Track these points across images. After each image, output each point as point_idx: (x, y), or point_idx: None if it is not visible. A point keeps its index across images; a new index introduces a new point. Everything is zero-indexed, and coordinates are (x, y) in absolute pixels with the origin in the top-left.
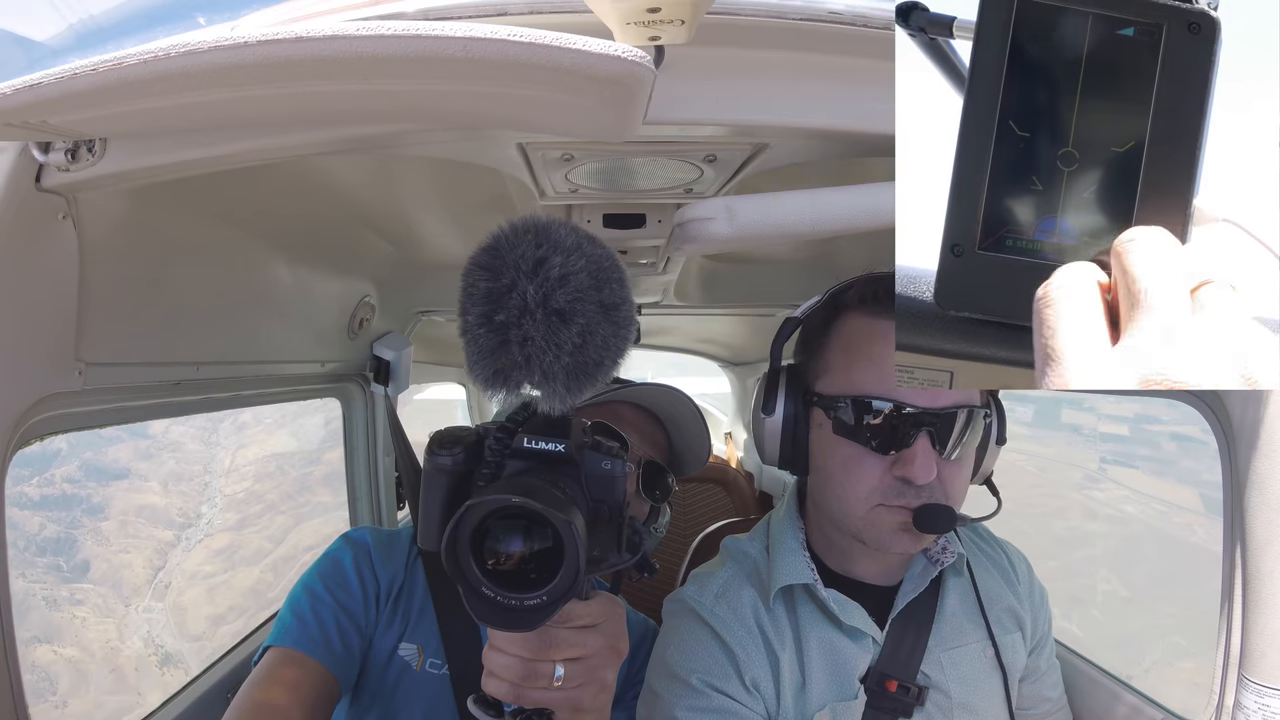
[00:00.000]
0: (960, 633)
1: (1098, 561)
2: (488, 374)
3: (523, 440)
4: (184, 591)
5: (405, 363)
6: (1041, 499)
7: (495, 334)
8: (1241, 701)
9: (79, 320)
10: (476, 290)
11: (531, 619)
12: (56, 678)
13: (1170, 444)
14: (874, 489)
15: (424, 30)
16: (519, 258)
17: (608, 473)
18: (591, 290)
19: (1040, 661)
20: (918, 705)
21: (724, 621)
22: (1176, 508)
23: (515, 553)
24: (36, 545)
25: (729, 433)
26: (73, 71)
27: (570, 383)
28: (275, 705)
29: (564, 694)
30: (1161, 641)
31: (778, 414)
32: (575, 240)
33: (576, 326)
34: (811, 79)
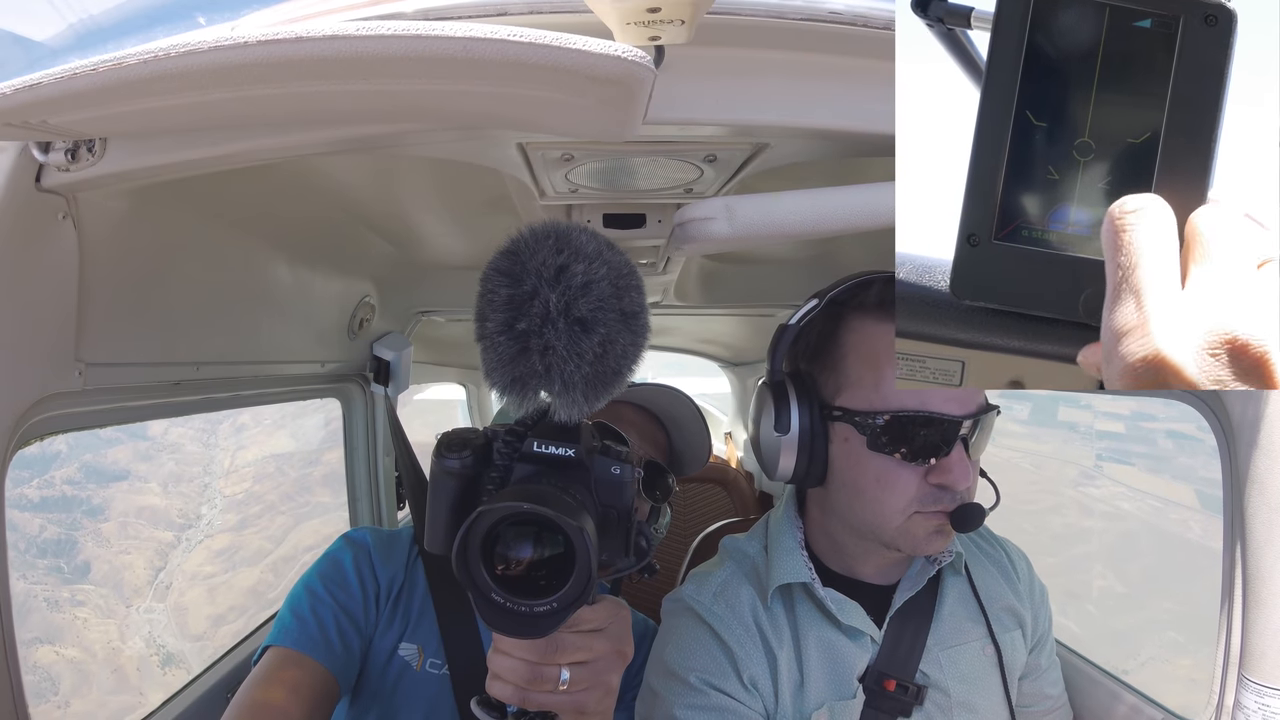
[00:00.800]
0: (959, 631)
1: (1094, 558)
2: (505, 381)
3: (532, 444)
4: (185, 592)
5: (405, 363)
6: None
7: (516, 342)
8: (1241, 701)
9: (79, 320)
10: (497, 297)
11: (542, 625)
12: (59, 678)
13: (1166, 441)
14: (911, 499)
15: (424, 30)
16: (540, 264)
17: (617, 478)
18: (613, 299)
19: (1041, 659)
20: (917, 704)
21: (722, 620)
22: (1172, 504)
23: (525, 559)
24: (37, 547)
25: (729, 433)
26: (73, 71)
27: (589, 392)
28: (274, 705)
29: (569, 698)
30: (1157, 637)
31: (793, 431)
32: (596, 247)
33: (598, 336)
34: (811, 79)
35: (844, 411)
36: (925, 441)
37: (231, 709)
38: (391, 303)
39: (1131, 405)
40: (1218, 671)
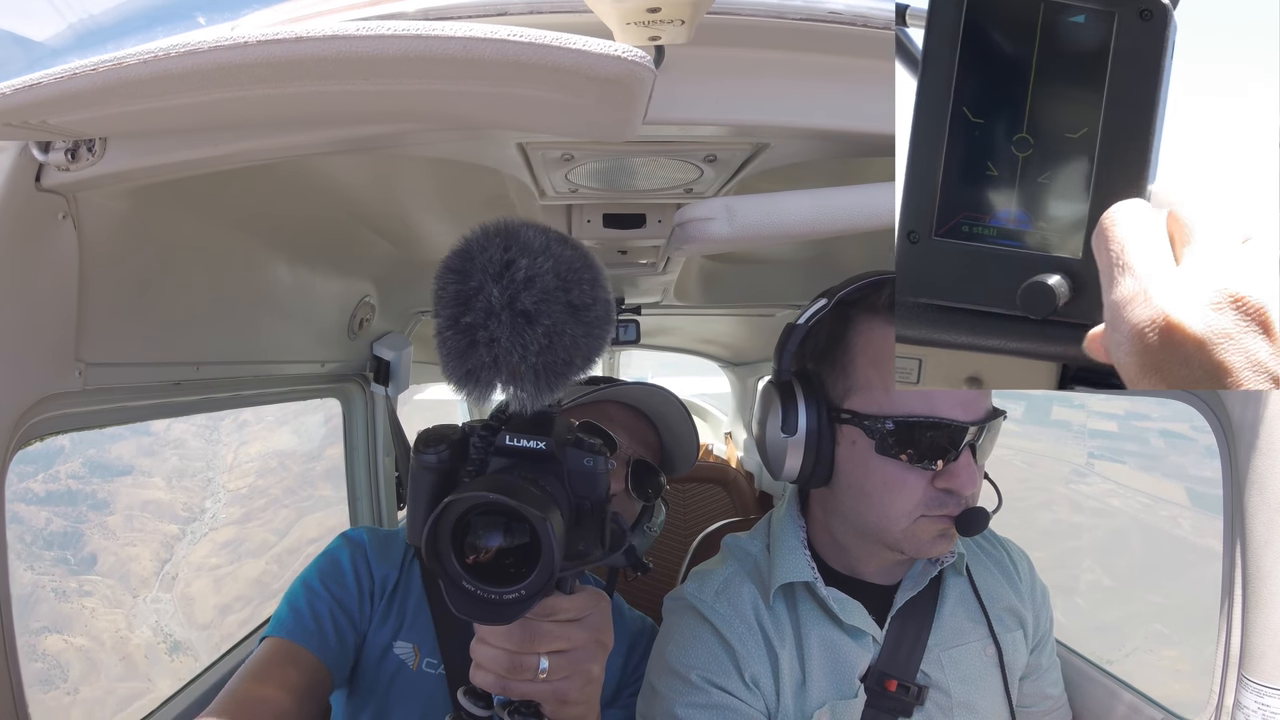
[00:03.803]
0: (960, 631)
1: (1082, 552)
2: (459, 375)
3: (505, 438)
4: (191, 583)
5: (405, 363)
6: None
7: (463, 336)
8: (1241, 701)
9: (79, 320)
10: (446, 293)
11: (510, 612)
12: (68, 666)
13: (1159, 440)
14: (918, 503)
15: (424, 30)
16: (487, 260)
17: (590, 469)
18: (559, 291)
19: (1041, 659)
20: (918, 704)
21: (724, 618)
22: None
23: (494, 547)
24: (44, 539)
25: (729, 432)
26: (72, 71)
27: (539, 382)
28: (266, 692)
29: (549, 686)
30: (1143, 629)
31: (800, 433)
32: (544, 242)
33: (542, 327)
34: (811, 79)
35: (852, 414)
36: (933, 446)
37: (224, 694)
38: (391, 303)
39: (1126, 405)
40: (1218, 671)
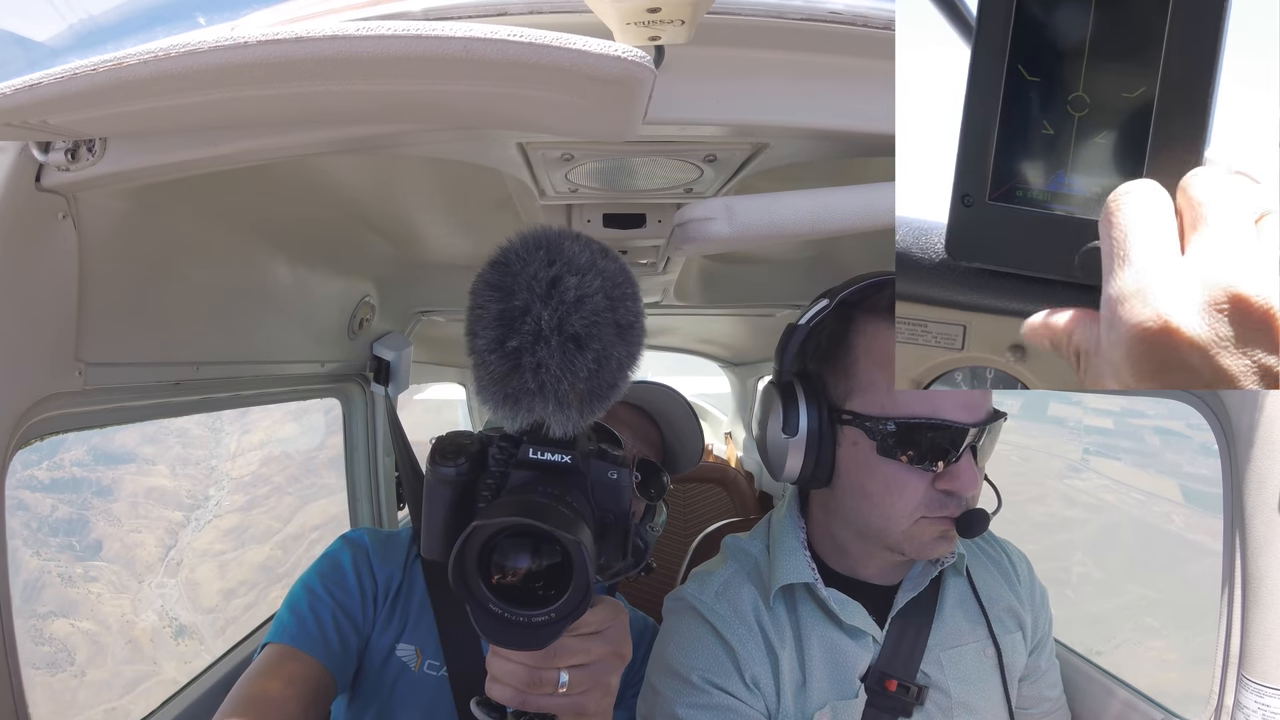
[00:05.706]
0: (960, 632)
1: (1074, 546)
2: (498, 398)
3: (528, 450)
4: (196, 568)
5: (405, 363)
6: (1022, 486)
7: (507, 360)
8: (1241, 701)
9: (79, 320)
10: (487, 312)
11: (541, 636)
12: (74, 649)
13: (1154, 437)
14: (919, 504)
15: (424, 30)
16: (531, 277)
17: (614, 483)
18: (607, 311)
19: (1040, 661)
20: (917, 704)
21: (724, 619)
22: (1156, 497)
23: (523, 569)
24: (49, 526)
25: (729, 432)
26: (72, 71)
27: (584, 408)
28: (270, 699)
29: (568, 700)
30: (1132, 622)
31: (801, 434)
32: (589, 257)
33: (592, 352)
34: (811, 79)
35: (854, 416)
36: (934, 447)
37: (228, 701)
38: (391, 303)
39: (1122, 402)
40: (1217, 671)
